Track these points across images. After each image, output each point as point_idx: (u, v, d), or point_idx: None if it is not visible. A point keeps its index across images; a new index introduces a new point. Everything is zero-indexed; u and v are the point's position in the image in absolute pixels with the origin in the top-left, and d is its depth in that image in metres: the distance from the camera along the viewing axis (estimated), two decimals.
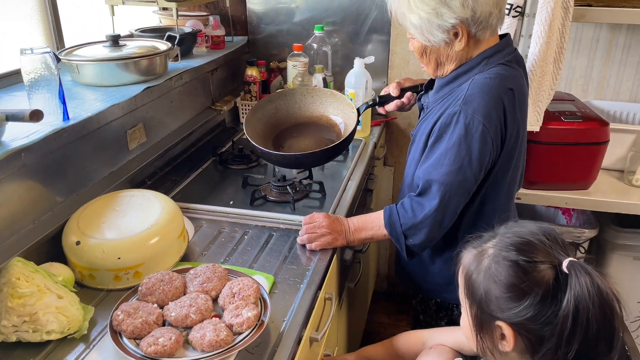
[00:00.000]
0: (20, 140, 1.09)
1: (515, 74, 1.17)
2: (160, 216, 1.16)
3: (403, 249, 1.22)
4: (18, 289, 0.93)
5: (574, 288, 0.74)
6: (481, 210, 1.23)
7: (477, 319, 0.85)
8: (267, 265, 1.19)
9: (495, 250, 0.83)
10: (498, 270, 0.81)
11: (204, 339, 0.90)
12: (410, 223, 1.19)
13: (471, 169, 1.12)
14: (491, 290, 0.82)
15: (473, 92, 1.12)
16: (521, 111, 1.18)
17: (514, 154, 1.19)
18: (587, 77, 2.01)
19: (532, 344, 0.80)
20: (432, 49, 1.19)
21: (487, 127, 1.10)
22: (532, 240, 0.81)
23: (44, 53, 1.17)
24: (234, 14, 2.23)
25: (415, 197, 1.19)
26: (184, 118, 1.79)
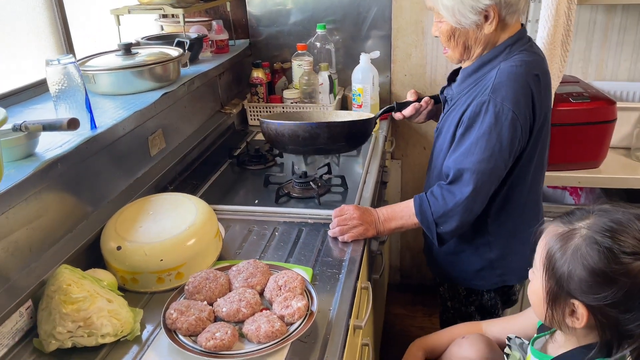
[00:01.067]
0: (54, 150, 1.10)
1: (538, 59, 1.21)
2: (196, 217, 1.17)
3: (434, 237, 1.25)
4: (71, 294, 0.94)
5: None
6: (509, 195, 1.26)
7: (552, 293, 0.86)
8: (303, 258, 1.21)
9: (589, 232, 0.82)
10: (589, 254, 0.81)
11: (260, 331, 0.92)
12: (442, 211, 1.21)
13: (502, 156, 1.15)
14: (576, 271, 0.82)
15: (501, 80, 1.15)
16: (547, 95, 1.21)
17: (540, 138, 1.23)
18: (586, 59, 2.06)
19: (603, 325, 0.82)
20: (461, 32, 1.20)
21: (516, 114, 1.13)
22: (629, 229, 0.81)
23: (69, 63, 1.18)
24: (235, 17, 2.24)
25: (446, 186, 1.22)
26: (197, 123, 1.80)
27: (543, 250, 0.88)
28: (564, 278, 0.84)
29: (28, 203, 1.02)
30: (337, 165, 1.72)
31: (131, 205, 1.23)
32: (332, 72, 2.13)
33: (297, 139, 1.39)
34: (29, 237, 1.02)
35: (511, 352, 1.03)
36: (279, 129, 1.40)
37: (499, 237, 1.30)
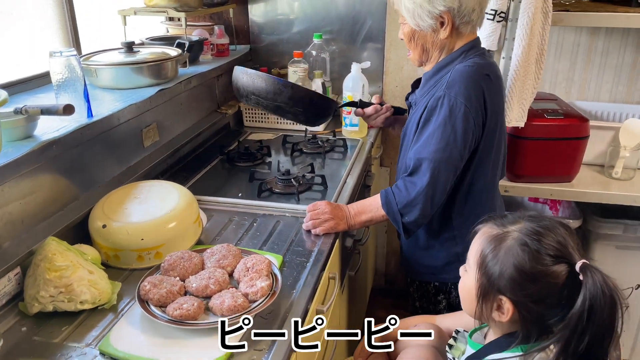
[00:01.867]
0: (51, 134, 1.20)
1: (491, 63, 1.33)
2: (178, 203, 1.26)
3: (400, 227, 1.33)
4: (55, 263, 1.03)
5: (590, 288, 0.81)
6: (470, 190, 1.36)
7: (483, 289, 0.94)
8: (276, 247, 1.30)
9: (520, 235, 0.90)
10: (519, 254, 0.88)
11: (223, 305, 1.00)
12: (405, 201, 1.30)
13: (457, 146, 1.25)
14: (507, 270, 0.89)
15: (454, 77, 1.27)
16: (500, 95, 1.32)
17: (495, 134, 1.32)
18: (569, 79, 2.15)
19: (526, 319, 0.90)
20: (420, 35, 1.33)
21: (468, 107, 1.24)
22: (554, 235, 0.88)
23: (71, 56, 1.29)
24: (237, 24, 2.36)
25: (407, 177, 1.31)
26: (192, 120, 1.90)
27: (477, 250, 0.96)
28: (495, 276, 0.91)
29: (23, 179, 1.11)
30: (323, 167, 1.81)
31: (120, 189, 1.32)
32: (326, 79, 2.23)
33: (261, 90, 1.47)
34: (22, 211, 1.12)
35: (455, 344, 1.10)
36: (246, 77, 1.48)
37: (464, 231, 1.38)
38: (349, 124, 2.07)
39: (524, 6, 1.52)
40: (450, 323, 1.23)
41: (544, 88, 2.17)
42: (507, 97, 1.63)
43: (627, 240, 1.89)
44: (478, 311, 0.95)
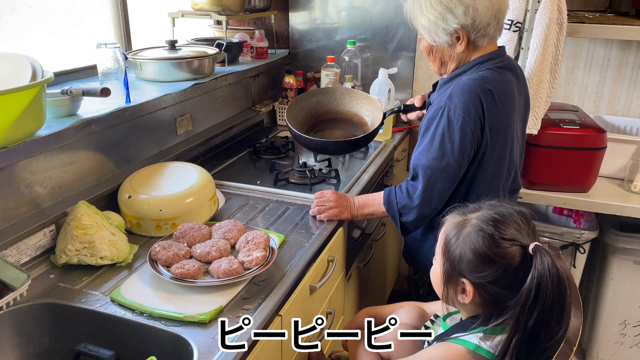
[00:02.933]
0: (91, 114, 1.37)
1: (500, 78, 1.34)
2: (196, 182, 1.41)
3: (398, 226, 1.41)
4: (82, 221, 1.19)
5: (538, 267, 0.89)
6: (467, 198, 1.40)
7: (447, 273, 1.02)
8: (281, 228, 1.41)
9: (477, 222, 0.98)
10: (476, 239, 0.96)
11: (220, 268, 1.13)
12: (405, 202, 1.38)
13: (454, 156, 1.30)
14: (465, 254, 0.97)
15: (456, 90, 1.31)
16: (503, 110, 1.33)
17: (496, 147, 1.35)
18: (598, 93, 2.14)
19: (486, 300, 0.97)
20: (437, 49, 1.39)
21: (466, 119, 1.28)
22: (509, 221, 0.96)
23: (114, 48, 1.47)
24: (278, 29, 2.51)
25: (410, 181, 1.39)
26: (226, 114, 2.06)
27: (442, 237, 1.03)
28: (456, 260, 0.98)
29: (63, 150, 1.29)
30: (342, 163, 1.91)
31: (148, 167, 1.48)
32: (357, 83, 2.33)
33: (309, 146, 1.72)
34: (60, 177, 1.30)
35: (432, 327, 1.17)
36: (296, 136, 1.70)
37: None
38: None
39: (539, 17, 1.57)
40: (436, 309, 1.29)
41: (572, 100, 2.17)
42: None
43: None
44: (445, 295, 1.02)
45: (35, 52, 1.33)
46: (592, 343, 2.09)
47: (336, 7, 2.42)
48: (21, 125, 1.11)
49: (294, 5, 2.47)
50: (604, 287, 1.98)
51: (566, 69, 2.15)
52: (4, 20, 1.49)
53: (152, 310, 1.05)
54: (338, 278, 1.56)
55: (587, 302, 2.11)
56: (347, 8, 2.40)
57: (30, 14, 1.57)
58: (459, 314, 1.14)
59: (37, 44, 1.59)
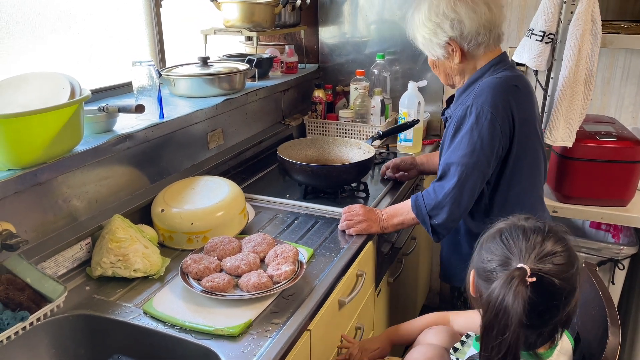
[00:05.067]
0: (126, 130, 1.42)
1: (520, 75, 1.39)
2: (227, 195, 1.43)
3: (429, 229, 1.40)
4: (116, 234, 1.22)
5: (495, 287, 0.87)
6: (508, 197, 1.41)
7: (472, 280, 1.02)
8: (310, 242, 1.42)
9: (499, 227, 0.99)
10: (485, 236, 1.01)
11: (249, 282, 1.14)
12: (433, 203, 1.38)
13: (483, 152, 1.31)
14: (476, 246, 1.01)
15: (482, 88, 1.35)
16: (530, 104, 1.38)
17: (529, 142, 1.37)
18: (636, 104, 2.08)
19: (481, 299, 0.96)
20: (439, 63, 1.47)
21: (494, 115, 1.30)
22: (514, 236, 0.94)
23: (149, 65, 1.51)
24: (308, 44, 2.54)
25: (437, 182, 1.40)
26: (257, 128, 2.08)
27: None
28: (477, 267, 0.99)
29: (100, 165, 1.33)
30: (371, 177, 1.91)
31: (181, 181, 1.51)
32: (386, 97, 2.33)
33: (301, 173, 1.65)
34: (96, 191, 1.34)
35: (462, 348, 1.14)
36: (288, 164, 1.67)
37: None
38: (403, 139, 2.16)
39: (572, 28, 1.54)
40: (463, 321, 1.27)
41: (609, 112, 2.12)
42: (552, 116, 1.65)
43: None
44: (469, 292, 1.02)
45: (74, 71, 1.39)
46: None
47: (365, 21, 2.43)
48: (60, 142, 1.15)
49: (324, 20, 2.50)
50: None
51: (602, 80, 2.10)
52: (44, 39, 1.55)
53: (183, 323, 1.06)
54: (367, 292, 1.55)
55: (626, 321, 2.04)
56: (377, 22, 2.41)
57: (70, 34, 1.63)
58: None
59: (75, 63, 1.65)
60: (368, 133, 2.18)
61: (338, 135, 2.27)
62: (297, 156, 1.80)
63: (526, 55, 1.69)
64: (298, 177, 1.66)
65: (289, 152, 1.77)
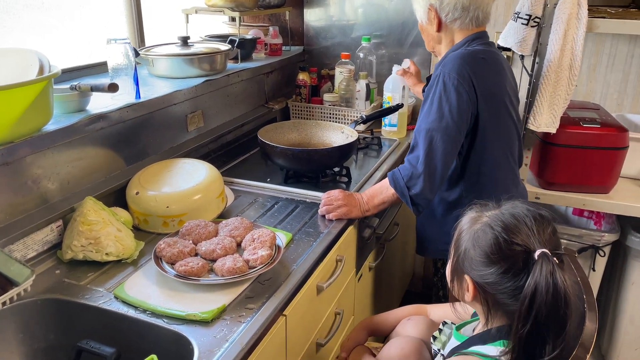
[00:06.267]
0: (100, 109, 1.37)
1: (491, 50, 1.42)
2: (204, 178, 1.40)
3: (409, 202, 1.39)
4: (88, 217, 1.19)
5: (535, 275, 0.84)
6: (481, 171, 1.42)
7: (454, 268, 0.99)
8: (289, 226, 1.39)
9: (488, 220, 0.94)
10: (481, 237, 0.93)
11: (224, 267, 1.11)
12: (410, 173, 1.38)
13: (452, 116, 1.33)
14: (469, 250, 0.94)
15: (450, 58, 1.39)
16: (497, 76, 1.40)
17: (500, 115, 1.39)
18: (621, 91, 2.07)
19: (488, 304, 0.94)
20: (424, 29, 1.53)
21: (460, 81, 1.33)
22: (520, 223, 0.91)
23: (124, 43, 1.46)
24: (293, 26, 2.49)
25: (410, 154, 1.40)
26: (239, 111, 2.04)
27: (456, 231, 1.00)
28: (462, 255, 0.95)
29: (72, 146, 1.29)
30: (355, 161, 1.89)
31: (157, 164, 1.47)
32: (372, 81, 2.30)
33: (283, 156, 1.62)
34: (68, 173, 1.29)
35: (439, 336, 1.13)
36: (268, 147, 1.64)
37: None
38: (388, 124, 2.13)
39: (558, 11, 1.52)
40: (442, 313, 1.26)
41: (594, 98, 2.11)
42: (536, 102, 1.63)
43: None
44: (453, 289, 0.99)
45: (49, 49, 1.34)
46: (612, 348, 2.02)
47: (352, 4, 2.38)
48: (27, 120, 1.11)
49: (309, 1, 2.45)
50: (624, 291, 1.91)
51: (588, 66, 2.08)
52: (17, 16, 1.49)
53: (155, 307, 1.04)
54: (348, 278, 1.53)
55: (607, 306, 2.05)
56: (364, 4, 2.37)
57: (44, 10, 1.57)
58: (472, 324, 1.11)
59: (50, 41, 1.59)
60: (352, 117, 2.15)
61: (322, 119, 2.23)
62: (278, 140, 1.77)
63: (511, 39, 1.66)
64: (279, 160, 1.63)
65: (270, 135, 1.74)
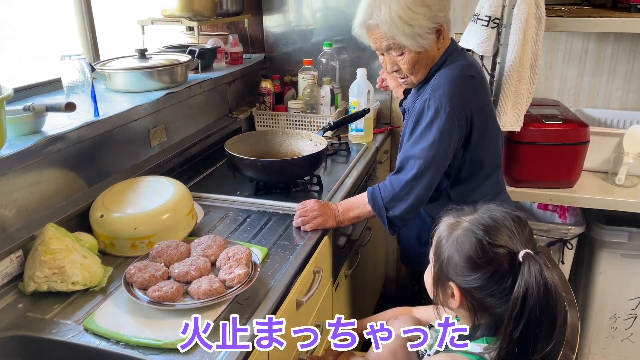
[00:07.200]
0: (57, 130, 1.30)
1: (474, 62, 1.38)
2: (172, 196, 1.34)
3: (385, 222, 1.38)
4: (50, 246, 1.12)
5: (525, 276, 0.85)
6: (467, 193, 1.40)
7: (437, 275, 0.98)
8: (263, 240, 1.36)
9: (468, 225, 0.94)
10: (464, 242, 0.92)
11: (200, 289, 1.07)
12: (390, 195, 1.35)
13: (442, 145, 1.29)
14: (453, 256, 0.94)
15: (439, 81, 1.32)
16: (485, 93, 1.37)
17: (487, 133, 1.37)
18: (577, 87, 2.13)
19: (475, 308, 0.94)
20: (423, 54, 1.33)
21: (452, 108, 1.28)
22: (501, 226, 0.91)
23: (80, 59, 1.40)
24: (252, 33, 2.45)
25: (394, 175, 1.37)
26: (203, 123, 1.99)
27: (435, 238, 1.00)
28: (445, 262, 0.95)
29: (28, 170, 1.22)
30: (324, 169, 1.86)
31: (121, 183, 1.41)
32: (336, 86, 2.29)
33: (253, 169, 1.58)
34: (26, 199, 1.22)
35: None
36: (236, 160, 1.60)
37: None
38: (354, 129, 2.12)
39: (517, 12, 1.54)
40: (427, 315, 1.25)
41: (552, 95, 2.16)
42: (500, 102, 1.65)
43: (633, 248, 1.86)
44: (436, 297, 0.98)
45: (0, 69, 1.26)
46: (584, 338, 2.07)
47: (310, 9, 2.37)
48: None
49: (268, 8, 2.42)
50: (592, 281, 1.97)
51: (544, 63, 2.13)
52: None
53: (129, 338, 0.98)
54: (325, 288, 1.51)
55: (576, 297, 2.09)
56: (322, 9, 2.35)
57: None
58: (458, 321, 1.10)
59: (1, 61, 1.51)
60: (319, 124, 2.13)
61: (288, 127, 2.20)
62: (246, 151, 1.73)
63: (472, 41, 1.68)
64: (248, 173, 1.59)
65: (238, 147, 1.70)
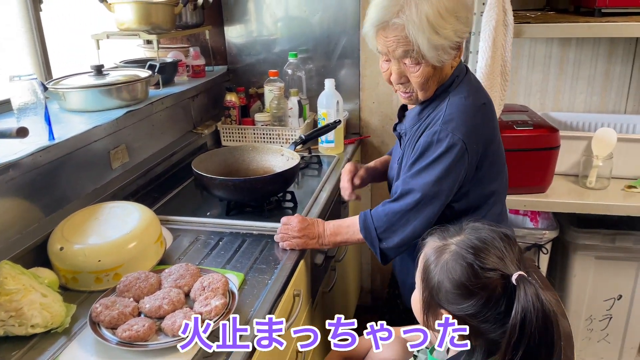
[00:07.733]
0: (7, 157, 1.20)
1: (479, 85, 1.30)
2: (138, 223, 1.26)
3: (377, 253, 1.29)
4: (5, 286, 1.02)
5: (522, 301, 0.81)
6: (481, 213, 1.31)
7: (426, 302, 0.93)
8: (239, 265, 1.28)
9: (457, 248, 0.89)
10: (454, 268, 0.88)
11: (175, 325, 0.99)
12: (385, 226, 1.26)
13: (447, 183, 1.20)
14: (444, 283, 0.89)
15: (452, 111, 1.20)
16: (495, 117, 1.30)
17: (497, 160, 1.28)
18: (543, 90, 2.15)
19: (469, 333, 0.89)
20: (438, 70, 1.22)
21: (465, 143, 1.18)
22: (491, 247, 0.87)
23: (31, 79, 1.29)
24: (214, 45, 2.37)
25: (390, 203, 1.26)
26: (166, 140, 1.90)
27: (421, 262, 0.95)
28: (435, 289, 0.90)
29: None
30: (296, 183, 1.81)
31: (81, 211, 1.31)
32: (303, 97, 2.24)
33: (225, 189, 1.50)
34: None
35: (419, 355, 1.09)
36: (205, 179, 1.51)
37: None
38: (324, 141, 2.07)
39: (485, 20, 1.53)
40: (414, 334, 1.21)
41: (518, 100, 2.17)
42: None
43: (606, 250, 1.88)
44: (426, 323, 0.94)
45: None
46: None
47: (273, 18, 2.31)
48: None
49: (229, 18, 2.35)
50: (568, 284, 1.98)
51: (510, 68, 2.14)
52: None
53: None
54: (305, 310, 1.45)
55: None
56: (284, 18, 2.30)
57: None
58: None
59: None
60: (288, 136, 2.07)
61: (256, 141, 2.14)
62: (214, 169, 1.65)
63: None
64: (219, 192, 1.51)
65: (206, 165, 1.62)
